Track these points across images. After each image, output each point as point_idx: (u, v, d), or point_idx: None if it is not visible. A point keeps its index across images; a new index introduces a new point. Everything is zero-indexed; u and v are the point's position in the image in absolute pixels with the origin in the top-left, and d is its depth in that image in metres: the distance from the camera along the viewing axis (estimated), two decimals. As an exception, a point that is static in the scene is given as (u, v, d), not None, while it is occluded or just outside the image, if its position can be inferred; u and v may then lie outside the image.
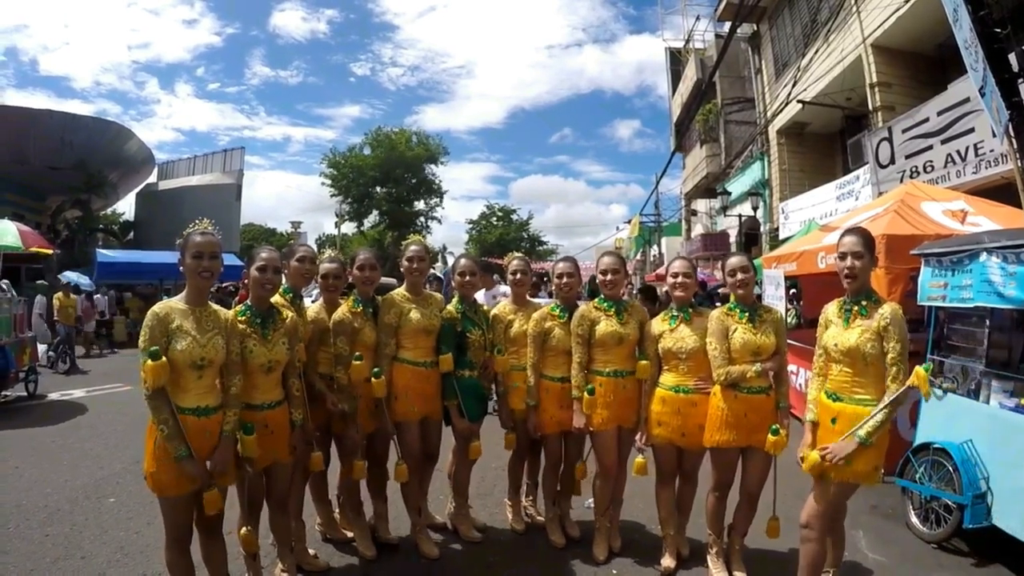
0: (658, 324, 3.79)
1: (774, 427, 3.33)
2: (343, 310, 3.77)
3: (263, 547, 3.51)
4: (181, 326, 2.75)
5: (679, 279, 3.73)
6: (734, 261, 3.59)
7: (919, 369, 2.87)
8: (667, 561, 3.77)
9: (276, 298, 3.41)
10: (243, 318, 3.11)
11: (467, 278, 4.10)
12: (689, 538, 3.97)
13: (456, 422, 3.99)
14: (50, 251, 12.26)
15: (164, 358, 2.65)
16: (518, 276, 4.24)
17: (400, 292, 3.95)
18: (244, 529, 3.17)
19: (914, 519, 4.44)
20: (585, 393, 3.75)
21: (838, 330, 3.09)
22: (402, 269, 4.01)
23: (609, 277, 3.90)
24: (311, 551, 3.81)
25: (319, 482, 4.06)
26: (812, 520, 3.05)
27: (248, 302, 3.23)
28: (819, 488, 3.07)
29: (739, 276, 3.51)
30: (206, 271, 2.85)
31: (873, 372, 2.97)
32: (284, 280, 3.62)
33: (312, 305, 3.90)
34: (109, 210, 41.24)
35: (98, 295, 16.92)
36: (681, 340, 3.65)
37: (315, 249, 3.96)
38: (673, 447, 3.71)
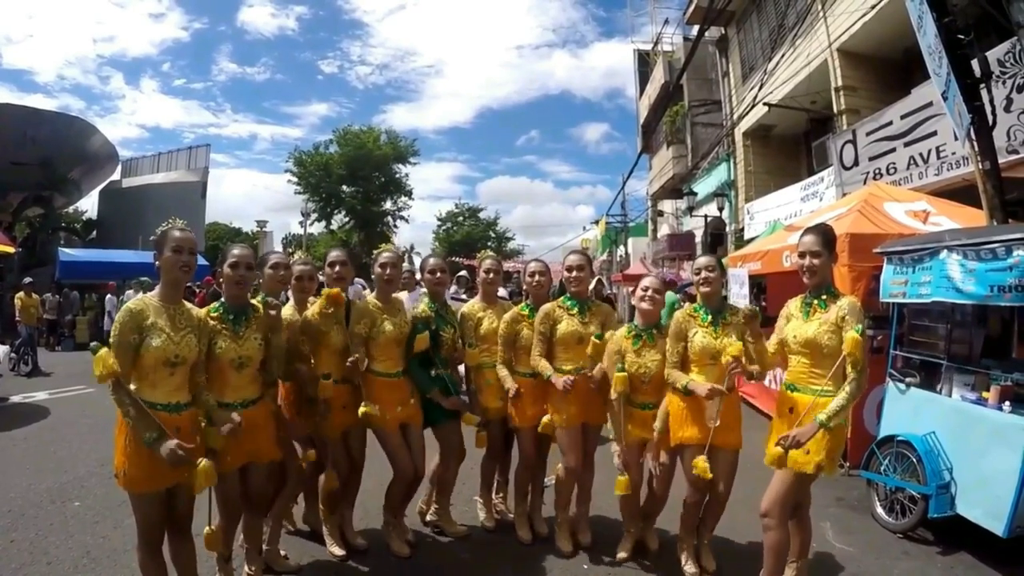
0: (622, 340, 3.73)
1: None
2: (313, 311, 3.73)
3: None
4: (156, 323, 2.73)
5: (648, 293, 3.74)
6: (701, 260, 3.64)
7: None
8: (622, 554, 3.88)
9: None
10: (215, 315, 3.09)
11: (437, 275, 4.11)
12: (658, 529, 4.02)
13: (445, 402, 3.96)
14: (11, 249, 11.95)
15: (105, 348, 2.57)
16: (491, 276, 4.26)
17: (372, 301, 3.89)
18: (208, 528, 3.03)
19: (880, 510, 4.55)
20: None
21: (798, 323, 3.19)
22: (373, 276, 3.99)
23: (574, 274, 3.93)
24: (281, 552, 3.76)
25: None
26: (771, 509, 3.12)
27: (223, 299, 3.21)
28: (777, 477, 3.13)
29: (703, 275, 3.55)
30: (185, 266, 2.86)
31: (830, 363, 3.04)
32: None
33: (285, 307, 3.84)
34: (71, 208, 40.15)
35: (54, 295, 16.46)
36: (644, 366, 3.67)
37: (284, 254, 3.91)
38: (637, 452, 3.77)
